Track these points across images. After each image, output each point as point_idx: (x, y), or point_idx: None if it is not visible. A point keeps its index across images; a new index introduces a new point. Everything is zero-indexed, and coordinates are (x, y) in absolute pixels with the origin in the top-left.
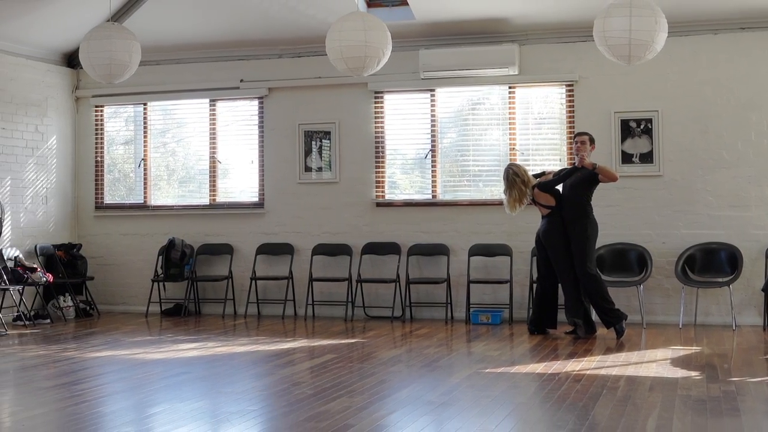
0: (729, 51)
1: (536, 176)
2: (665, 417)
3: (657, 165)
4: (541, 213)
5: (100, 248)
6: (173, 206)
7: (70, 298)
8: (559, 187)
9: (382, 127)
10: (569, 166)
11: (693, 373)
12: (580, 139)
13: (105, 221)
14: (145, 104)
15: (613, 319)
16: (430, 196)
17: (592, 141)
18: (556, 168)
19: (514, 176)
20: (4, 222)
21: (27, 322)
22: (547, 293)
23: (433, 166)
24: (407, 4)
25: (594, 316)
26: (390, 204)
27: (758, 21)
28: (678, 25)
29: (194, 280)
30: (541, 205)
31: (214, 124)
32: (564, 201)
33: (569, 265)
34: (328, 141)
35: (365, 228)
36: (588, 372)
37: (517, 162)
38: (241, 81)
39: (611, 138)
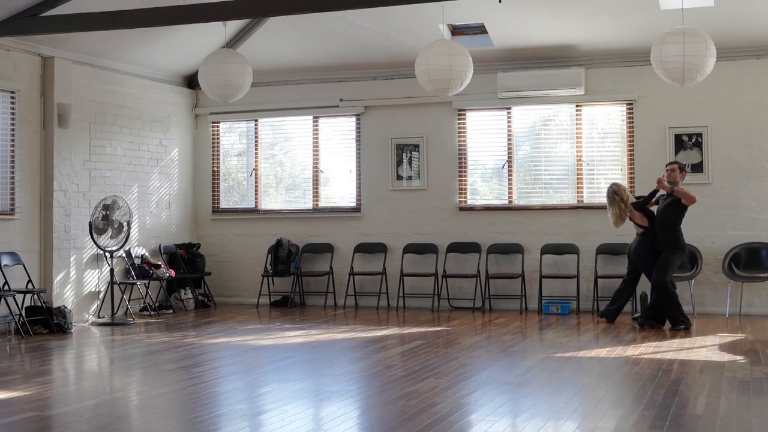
0: None
1: (637, 197)
2: (713, 396)
3: (706, 174)
4: (636, 231)
5: (217, 247)
6: (281, 210)
7: (190, 291)
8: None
9: (464, 141)
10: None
11: (738, 358)
12: (670, 168)
13: (221, 223)
14: (256, 120)
15: (678, 323)
16: (506, 202)
17: (681, 169)
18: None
19: (614, 195)
20: (132, 224)
21: (152, 313)
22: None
23: (509, 175)
24: (487, 32)
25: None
26: (471, 208)
27: None
28: (725, 51)
29: (299, 275)
30: (635, 223)
31: (316, 138)
32: (657, 224)
33: (635, 280)
34: (417, 153)
35: (449, 229)
36: (646, 356)
37: (618, 182)
38: (341, 100)
39: (666, 150)
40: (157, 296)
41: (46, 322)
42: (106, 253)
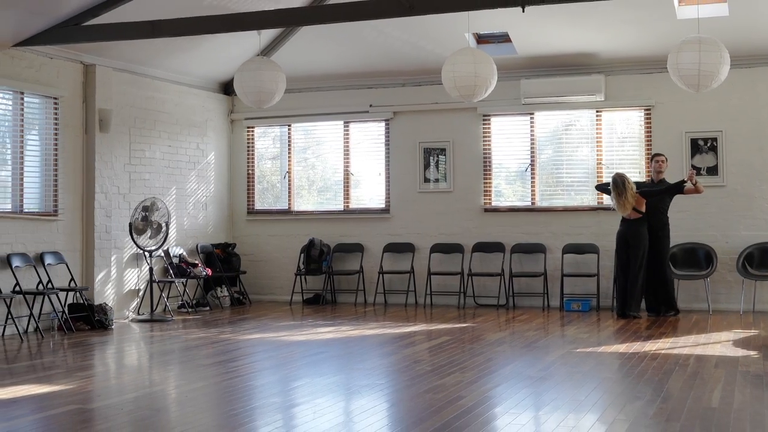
0: None
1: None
2: (728, 389)
3: (721, 177)
4: (629, 216)
5: (252, 247)
6: (313, 211)
7: (226, 289)
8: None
9: (489, 145)
10: (671, 182)
11: (752, 353)
12: (660, 159)
13: (255, 224)
14: (289, 125)
15: (674, 308)
16: (529, 203)
17: (666, 159)
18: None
19: (624, 183)
20: (170, 225)
21: (189, 310)
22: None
23: (532, 178)
24: (511, 41)
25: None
26: (496, 210)
27: None
28: (739, 59)
29: (331, 273)
30: (635, 209)
31: (347, 142)
32: (652, 210)
33: (643, 267)
34: (444, 156)
35: (475, 230)
36: (663, 351)
37: (620, 171)
38: (370, 106)
39: (682, 154)
40: (195, 294)
41: (87, 319)
42: (146, 253)
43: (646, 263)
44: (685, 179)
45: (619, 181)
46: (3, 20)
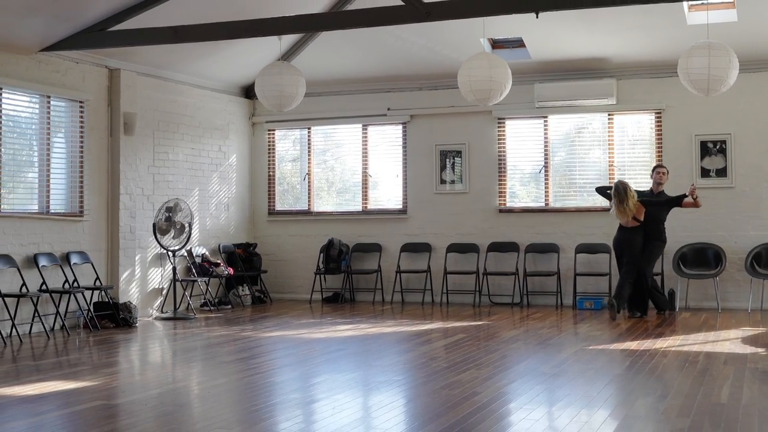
0: None
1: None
2: (737, 386)
3: (730, 178)
4: (627, 225)
5: (272, 247)
6: (332, 212)
7: (247, 287)
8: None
9: (503, 147)
10: (672, 195)
11: (760, 350)
12: (661, 171)
13: (276, 224)
14: (309, 128)
15: (665, 304)
16: (543, 204)
17: (667, 172)
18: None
19: (626, 191)
20: (193, 225)
21: (212, 308)
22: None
23: (545, 179)
24: (525, 46)
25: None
26: (510, 210)
27: None
28: (748, 63)
29: (349, 273)
30: (635, 218)
31: (365, 144)
32: (649, 220)
33: (635, 272)
34: (460, 159)
35: (490, 230)
36: (673, 349)
37: (623, 180)
38: (388, 109)
39: (692, 156)
40: (217, 293)
41: (112, 317)
42: (169, 253)
43: (633, 267)
44: (686, 193)
45: (622, 188)
46: (30, 26)
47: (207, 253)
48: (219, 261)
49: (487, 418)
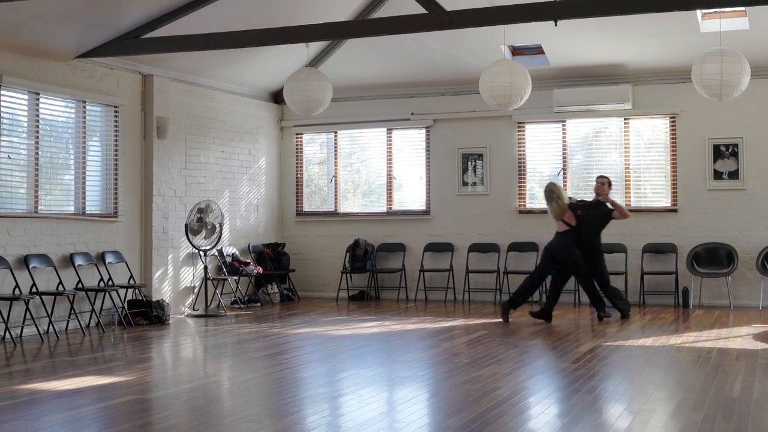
0: None
1: (571, 199)
2: (748, 381)
3: (742, 180)
4: (558, 228)
5: (300, 246)
6: (358, 213)
7: (276, 286)
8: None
9: (523, 151)
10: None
11: None
12: (600, 181)
13: (304, 225)
14: (335, 132)
15: (626, 311)
16: None
17: (609, 183)
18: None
19: (551, 193)
20: (224, 226)
21: (242, 305)
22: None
23: (564, 182)
24: (544, 52)
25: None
26: (530, 211)
27: None
28: (759, 69)
29: (375, 271)
30: (564, 221)
31: (390, 148)
32: (589, 228)
33: (588, 270)
34: (481, 161)
35: (510, 230)
36: (687, 345)
37: (554, 182)
38: (412, 114)
39: (705, 159)
40: (246, 291)
41: (146, 314)
42: (201, 252)
43: (585, 269)
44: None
45: (547, 190)
46: (66, 33)
47: (237, 252)
48: (249, 260)
49: (507, 412)
